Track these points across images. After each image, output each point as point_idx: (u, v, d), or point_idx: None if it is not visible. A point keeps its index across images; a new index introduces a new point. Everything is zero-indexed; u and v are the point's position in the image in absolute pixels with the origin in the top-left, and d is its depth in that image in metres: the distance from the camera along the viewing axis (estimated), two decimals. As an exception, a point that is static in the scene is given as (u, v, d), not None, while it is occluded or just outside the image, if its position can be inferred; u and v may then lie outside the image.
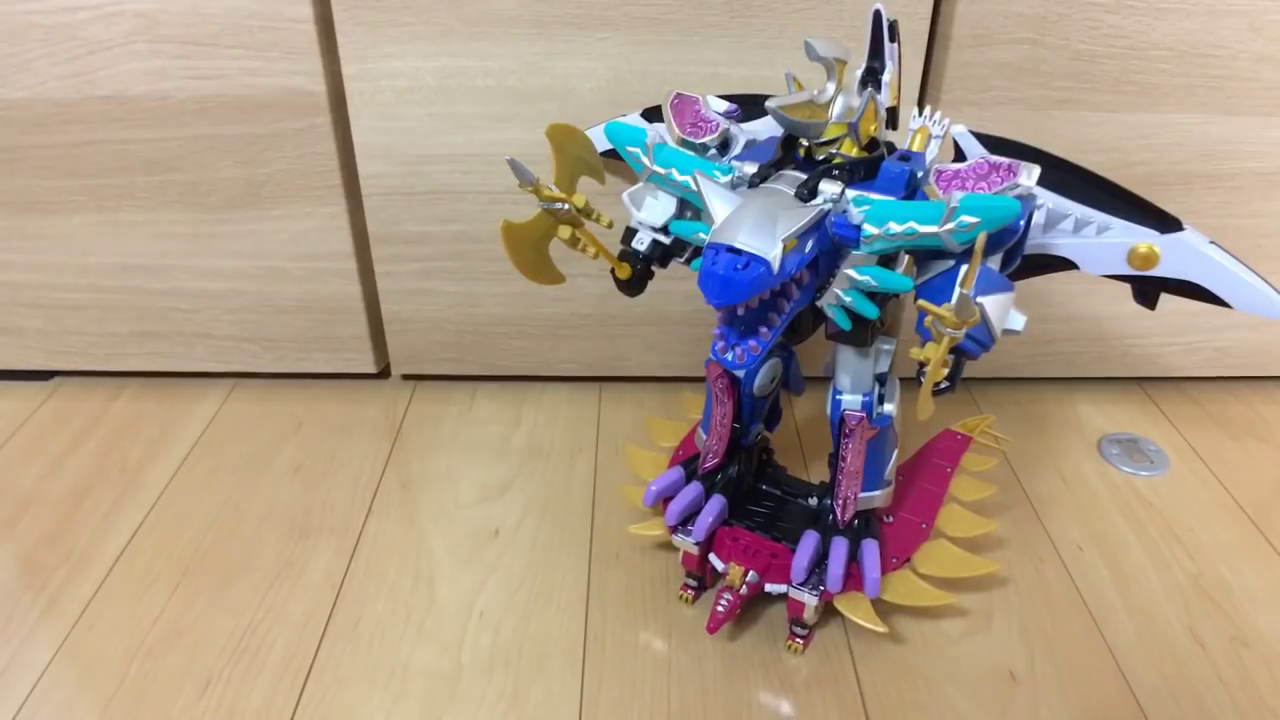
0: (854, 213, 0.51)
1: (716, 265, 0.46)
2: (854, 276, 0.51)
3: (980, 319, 0.50)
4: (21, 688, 0.61)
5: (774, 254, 0.46)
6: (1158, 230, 0.59)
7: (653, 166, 0.57)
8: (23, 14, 0.74)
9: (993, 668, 0.63)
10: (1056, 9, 0.74)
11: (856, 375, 0.59)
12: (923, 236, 0.49)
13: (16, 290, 0.89)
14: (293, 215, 0.83)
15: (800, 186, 0.52)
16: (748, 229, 0.47)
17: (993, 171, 0.51)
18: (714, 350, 0.51)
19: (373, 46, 0.75)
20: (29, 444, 0.86)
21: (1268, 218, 0.84)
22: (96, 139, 0.80)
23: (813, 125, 0.53)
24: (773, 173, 0.55)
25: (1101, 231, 0.60)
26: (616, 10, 0.74)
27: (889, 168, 0.54)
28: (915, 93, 0.78)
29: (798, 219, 0.48)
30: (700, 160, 0.57)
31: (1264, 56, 0.76)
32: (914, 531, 0.66)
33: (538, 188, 0.54)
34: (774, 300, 0.50)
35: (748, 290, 0.46)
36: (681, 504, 0.64)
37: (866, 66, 0.57)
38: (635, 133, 0.58)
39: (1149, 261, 0.59)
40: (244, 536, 0.75)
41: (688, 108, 0.60)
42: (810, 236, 0.50)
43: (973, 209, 0.47)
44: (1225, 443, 0.88)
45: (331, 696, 0.61)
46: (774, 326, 0.51)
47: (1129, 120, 0.79)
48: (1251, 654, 0.65)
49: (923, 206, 0.49)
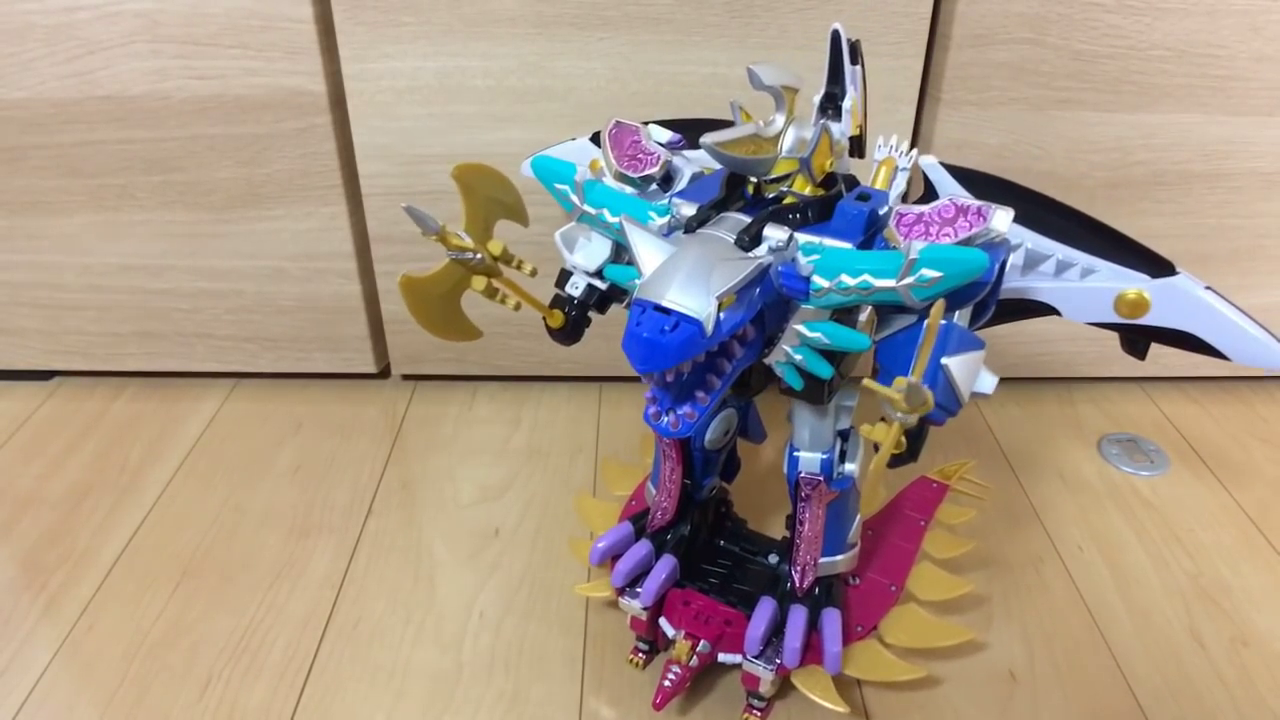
0: (802, 262, 0.45)
1: (641, 326, 0.41)
2: (804, 333, 0.46)
3: (947, 385, 0.45)
4: (21, 688, 0.61)
5: (707, 313, 0.41)
6: (1148, 274, 0.54)
7: (583, 206, 0.52)
8: (23, 14, 0.74)
9: (993, 668, 0.63)
10: (1056, 9, 0.74)
11: (815, 432, 0.53)
12: (879, 291, 0.44)
13: (16, 290, 0.89)
14: (293, 215, 0.83)
15: (741, 233, 0.46)
16: (678, 284, 0.41)
17: (960, 215, 0.45)
18: (646, 415, 0.45)
19: (373, 46, 0.75)
20: (29, 444, 0.86)
21: (1268, 218, 0.84)
22: (96, 139, 0.80)
23: (759, 162, 0.48)
24: (713, 215, 0.49)
25: (1086, 275, 0.54)
26: (616, 10, 0.74)
27: (846, 208, 0.48)
28: (915, 93, 0.78)
29: (736, 272, 0.42)
30: (634, 200, 0.51)
31: (1264, 56, 0.76)
32: (882, 595, 0.61)
33: (444, 235, 0.49)
34: (713, 361, 0.45)
35: (676, 355, 0.40)
36: (629, 564, 0.59)
37: (825, 92, 0.53)
38: (563, 168, 0.53)
39: (1138, 309, 0.54)
40: (244, 536, 0.75)
41: (626, 138, 0.53)
42: (753, 289, 0.44)
43: (935, 261, 0.42)
44: (1225, 443, 0.88)
45: (331, 696, 0.61)
46: (714, 390, 0.45)
47: (1129, 120, 0.79)
48: (1251, 654, 0.65)
49: (879, 257, 0.45)
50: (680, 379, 0.44)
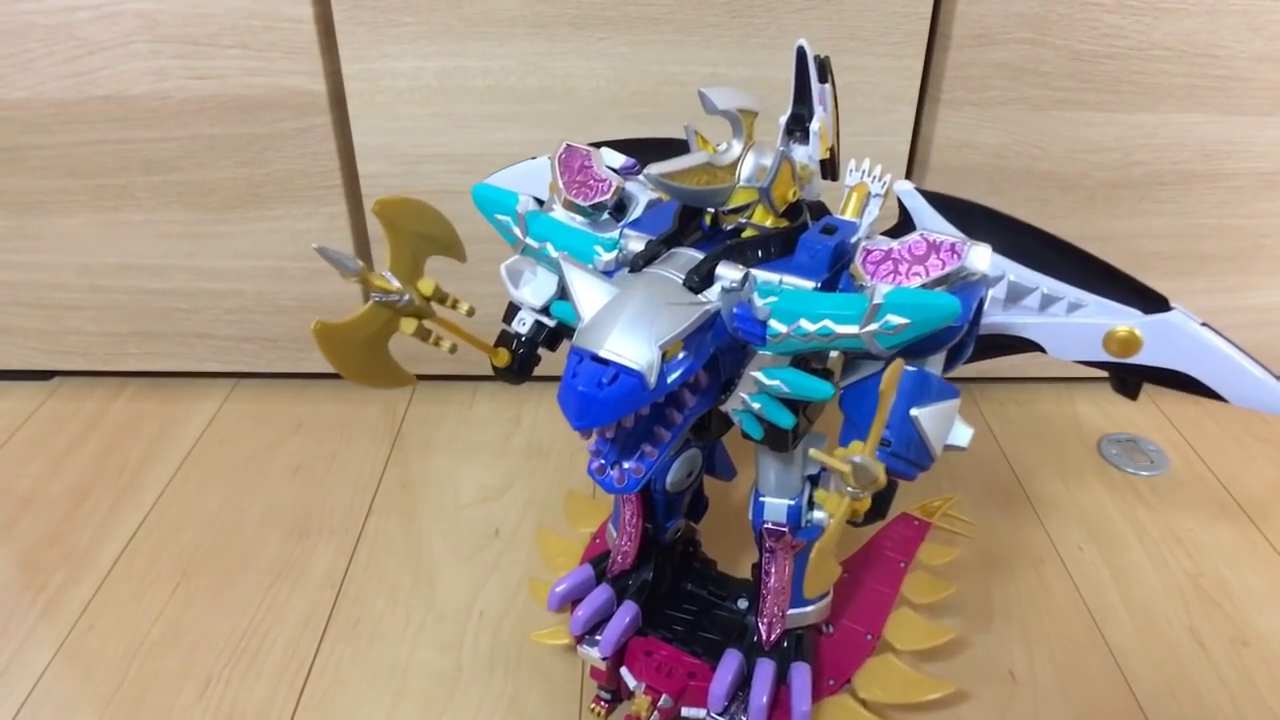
0: (758, 305, 0.42)
1: (577, 378, 0.37)
2: (762, 380, 0.42)
3: (918, 439, 0.42)
4: (21, 688, 0.61)
5: (649, 364, 0.37)
6: (1140, 310, 0.50)
7: (525, 239, 0.49)
8: (23, 14, 0.74)
9: (993, 668, 0.63)
10: (1057, 9, 0.74)
11: (781, 477, 0.49)
12: (841, 338, 0.40)
13: (16, 290, 0.89)
14: (293, 215, 0.83)
15: (691, 272, 0.42)
16: (618, 331, 0.38)
17: (932, 252, 0.41)
18: (590, 469, 0.42)
19: (373, 46, 0.75)
20: (29, 444, 0.86)
21: (1268, 218, 0.84)
22: (96, 139, 0.80)
23: (714, 192, 0.44)
24: (663, 251, 0.45)
25: (1073, 310, 0.51)
26: (616, 10, 0.74)
27: (809, 243, 0.45)
28: (915, 93, 0.78)
29: (682, 319, 0.39)
30: (579, 233, 0.48)
31: (1264, 56, 0.76)
32: (856, 644, 0.57)
33: (365, 277, 0.44)
34: (662, 411, 0.42)
35: (614, 410, 0.37)
36: (588, 611, 0.55)
37: (791, 114, 0.50)
38: (504, 198, 0.49)
39: (1129, 347, 0.50)
40: (244, 536, 0.75)
41: (576, 162, 0.50)
42: (704, 335, 0.41)
43: (901, 307, 0.39)
44: (1225, 443, 0.88)
45: (331, 696, 0.61)
46: (663, 443, 0.42)
47: (1129, 120, 0.79)
48: (1251, 654, 0.65)
49: (841, 301, 0.41)
50: (625, 431, 0.41)
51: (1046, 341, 0.52)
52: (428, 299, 0.47)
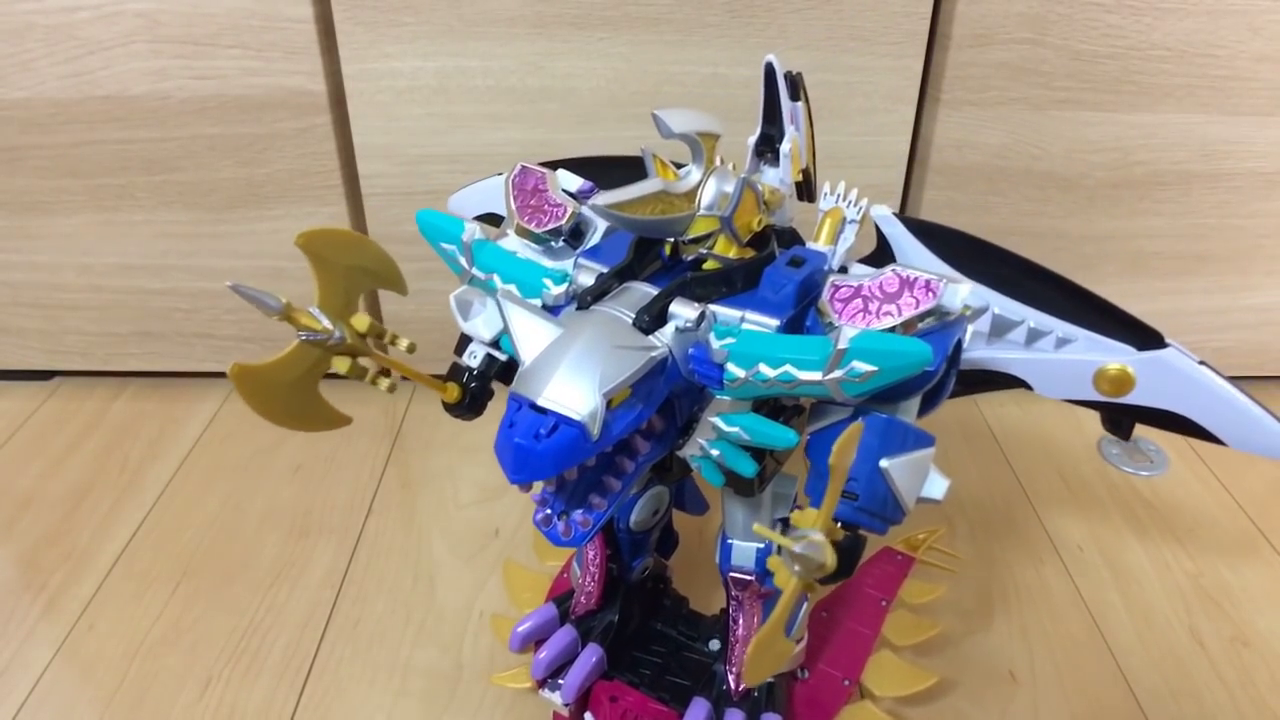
0: (715, 347, 0.39)
1: (514, 428, 0.35)
2: (721, 427, 0.40)
3: (888, 492, 0.40)
4: (21, 688, 0.61)
5: (590, 414, 0.35)
6: (1133, 346, 0.47)
7: (471, 270, 0.46)
8: (23, 14, 0.74)
9: (993, 668, 0.63)
10: (1057, 9, 0.74)
11: (749, 520, 0.47)
12: (803, 384, 0.37)
13: (16, 290, 0.89)
14: (293, 215, 0.83)
15: (641, 312, 0.39)
16: (559, 378, 0.35)
17: (905, 289, 0.39)
18: (535, 519, 0.40)
19: (373, 46, 0.75)
20: (29, 444, 0.86)
21: (1268, 218, 0.84)
22: (96, 139, 0.80)
23: (671, 222, 0.41)
24: (614, 285, 0.42)
25: (1061, 345, 0.48)
26: (616, 10, 0.74)
27: (775, 276, 0.42)
28: (915, 93, 0.78)
29: (628, 364, 0.36)
30: (528, 264, 0.45)
31: (1264, 56, 0.76)
32: (833, 691, 0.54)
33: (290, 315, 0.41)
34: (612, 459, 0.40)
35: (553, 464, 0.35)
36: (551, 654, 0.53)
37: (760, 134, 0.48)
38: (449, 225, 0.46)
39: (1121, 386, 0.48)
40: (244, 536, 0.75)
41: (530, 184, 0.47)
42: (655, 379, 0.38)
43: (868, 354, 0.36)
44: (1225, 443, 0.88)
45: (331, 696, 0.61)
46: (613, 493, 0.40)
47: (1129, 120, 0.79)
48: (1251, 654, 0.65)
49: (804, 345, 0.38)
50: (572, 480, 0.39)
51: (1033, 379, 0.49)
52: (363, 335, 0.44)
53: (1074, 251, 0.85)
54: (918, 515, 0.44)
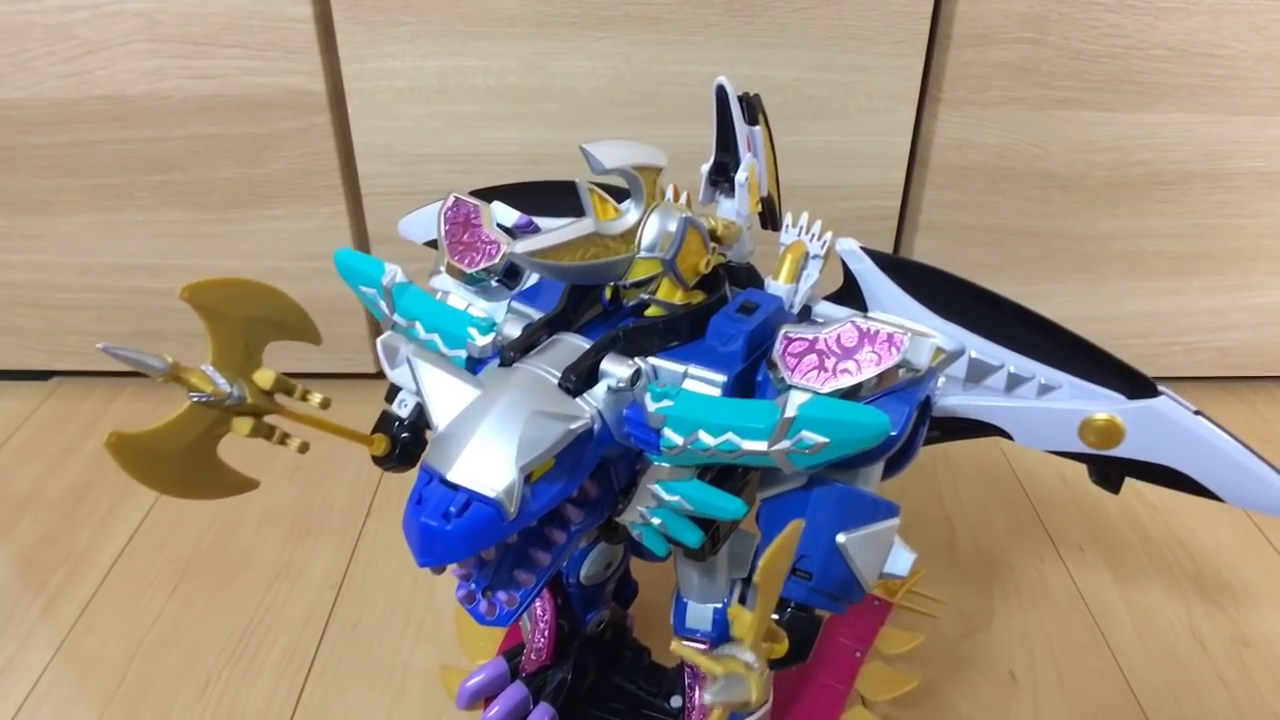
0: (650, 411, 0.35)
1: (422, 505, 0.32)
2: (661, 495, 0.36)
3: (846, 570, 0.36)
4: (21, 688, 0.61)
5: (505, 490, 0.31)
6: (1123, 394, 0.44)
7: (393, 316, 0.42)
8: (22, 13, 0.74)
9: (993, 668, 0.63)
10: (1057, 8, 0.74)
11: (705, 580, 0.43)
12: (748, 455, 0.34)
13: (16, 290, 0.88)
14: (293, 215, 0.83)
15: (567, 372, 0.35)
16: (472, 450, 0.32)
17: (865, 344, 0.35)
18: (457, 595, 0.37)
19: (372, 46, 0.75)
20: (29, 444, 0.86)
21: (1268, 217, 0.84)
22: (96, 139, 0.80)
23: (606, 267, 0.37)
24: (543, 336, 0.38)
25: (1044, 392, 0.44)
26: (616, 10, 0.74)
27: (723, 325, 0.38)
28: (916, 93, 0.78)
29: (550, 434, 0.32)
30: (452, 312, 0.41)
31: (1264, 56, 0.76)
32: None
33: (178, 374, 0.37)
34: (540, 531, 0.36)
35: (463, 547, 0.32)
36: (500, 713, 0.49)
37: (714, 162, 0.45)
38: (368, 267, 0.43)
39: (1109, 438, 0.44)
40: (244, 536, 0.75)
41: (462, 218, 0.43)
42: (583, 447, 0.34)
43: (818, 424, 0.32)
44: (1226, 443, 0.87)
45: (331, 696, 0.61)
46: (542, 568, 0.36)
47: (1130, 120, 0.79)
48: (1252, 654, 0.65)
49: (748, 410, 0.34)
50: (496, 555, 0.36)
51: (1013, 428, 0.46)
52: (268, 393, 0.41)
53: (1074, 251, 0.85)
54: None
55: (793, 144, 0.80)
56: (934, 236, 0.84)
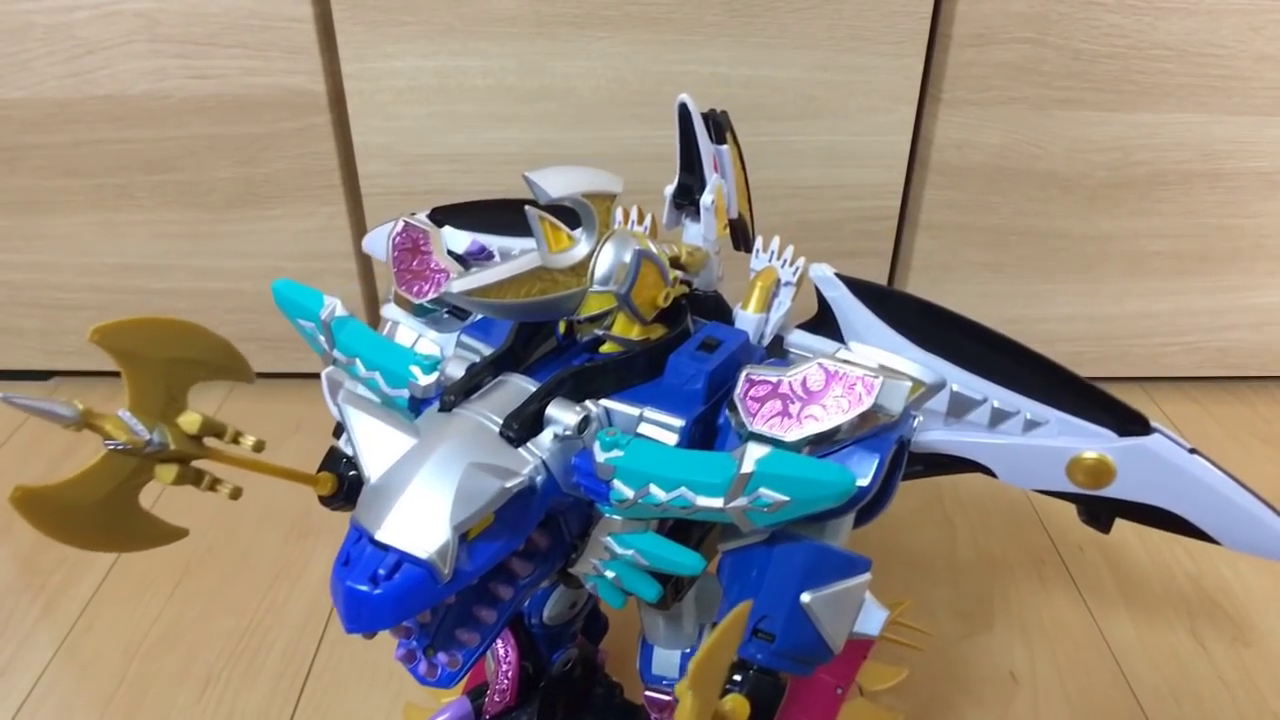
0: (599, 461, 0.32)
1: (350, 567, 0.30)
2: (614, 549, 0.34)
3: (814, 632, 0.34)
4: (21, 688, 0.61)
5: (439, 551, 0.29)
6: (1113, 431, 0.41)
7: (333, 352, 0.40)
8: (22, 13, 0.74)
9: (993, 668, 0.63)
10: (1058, 8, 0.74)
11: (671, 625, 0.41)
12: (703, 510, 0.31)
13: (16, 290, 0.88)
14: (293, 215, 0.83)
15: (509, 420, 0.33)
16: (404, 505, 0.30)
17: (833, 386, 0.33)
18: (396, 655, 0.34)
19: (372, 46, 0.75)
20: (29, 444, 0.86)
21: (1268, 217, 0.84)
22: (96, 138, 0.80)
23: (555, 302, 0.35)
24: (488, 377, 0.35)
25: (1030, 428, 0.42)
26: (616, 10, 0.74)
27: (682, 363, 0.35)
28: (916, 93, 0.78)
29: (486, 489, 0.30)
30: (394, 348, 0.38)
31: (1265, 56, 0.76)
32: None
33: (90, 422, 0.35)
34: (485, 586, 0.34)
35: (392, 613, 0.29)
36: None
37: (678, 184, 0.42)
38: (306, 300, 0.40)
39: (1099, 477, 0.42)
40: (244, 536, 0.75)
41: (410, 244, 0.40)
42: (526, 500, 0.32)
43: (777, 481, 0.30)
44: (1226, 443, 0.87)
45: (331, 697, 0.61)
46: (488, 626, 0.34)
47: (1130, 120, 0.79)
48: (1252, 654, 0.65)
49: (702, 464, 0.32)
50: (438, 612, 0.33)
51: (997, 466, 0.43)
52: (195, 437, 0.38)
53: (1075, 252, 0.85)
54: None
55: (793, 144, 0.80)
56: (934, 236, 0.84)
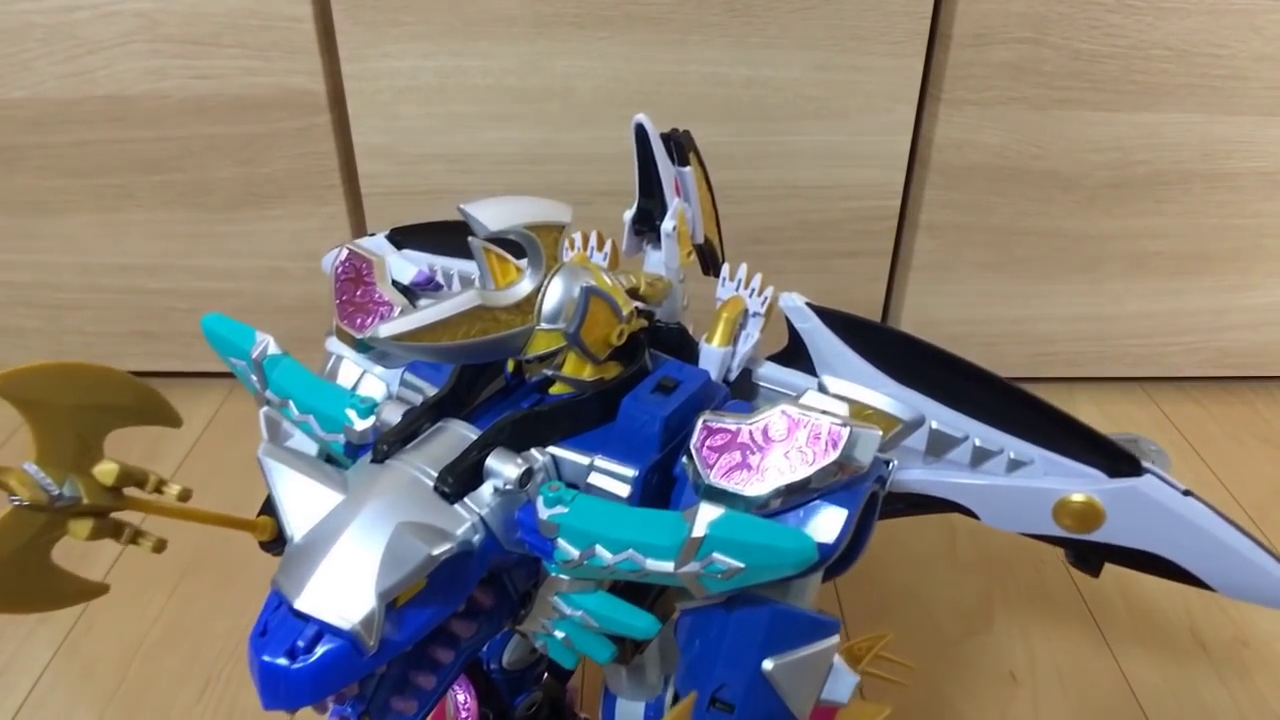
0: (543, 517, 0.30)
1: (266, 640, 0.27)
2: (563, 609, 0.32)
3: (777, 703, 0.32)
4: (21, 688, 0.61)
5: (363, 622, 0.26)
6: (1102, 472, 0.39)
7: (265, 394, 0.37)
8: (22, 13, 0.74)
9: (993, 668, 0.63)
10: (1058, 8, 0.74)
11: (634, 675, 0.38)
12: (654, 574, 0.29)
13: (16, 290, 0.88)
14: (293, 215, 0.83)
15: (444, 474, 0.30)
16: (327, 570, 0.27)
17: (796, 434, 0.30)
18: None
19: (372, 46, 0.75)
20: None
21: (1269, 217, 0.84)
22: (96, 138, 0.80)
23: (496, 344, 0.32)
24: (426, 424, 0.33)
25: (1014, 468, 0.40)
26: (616, 10, 0.74)
27: (635, 409, 0.33)
28: (916, 92, 0.78)
29: (415, 553, 0.27)
30: (329, 389, 0.36)
31: (1265, 56, 0.76)
32: None
33: None
34: (423, 650, 0.31)
35: (311, 691, 0.27)
36: None
37: (637, 209, 0.40)
38: (237, 336, 0.38)
39: (1087, 521, 0.39)
40: (244, 537, 0.74)
41: (355, 273, 0.38)
42: (462, 561, 0.29)
43: (731, 546, 0.28)
44: (1226, 443, 0.87)
45: (331, 697, 0.61)
46: (427, 692, 0.31)
47: (1130, 120, 0.79)
48: (1252, 654, 0.65)
49: (652, 524, 0.29)
50: (373, 678, 0.30)
51: (980, 507, 0.41)
52: (112, 488, 0.35)
53: (1075, 251, 0.85)
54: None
55: (793, 144, 0.80)
56: (934, 236, 0.84)
